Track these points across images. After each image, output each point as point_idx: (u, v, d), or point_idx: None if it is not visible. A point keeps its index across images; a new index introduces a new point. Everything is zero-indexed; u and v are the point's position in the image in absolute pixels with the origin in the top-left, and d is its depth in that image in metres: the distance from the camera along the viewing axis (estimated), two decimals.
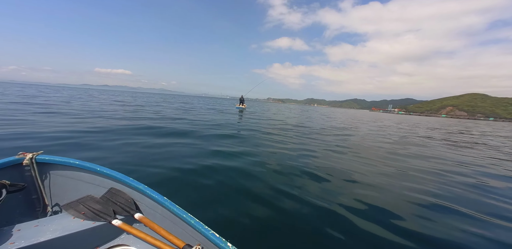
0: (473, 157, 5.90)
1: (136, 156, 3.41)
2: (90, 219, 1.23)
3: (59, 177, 1.47)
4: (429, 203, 2.60)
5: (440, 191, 3.03)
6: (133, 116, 8.34)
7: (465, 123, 31.66)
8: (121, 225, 1.20)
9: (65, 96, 19.02)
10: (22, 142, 3.62)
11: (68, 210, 1.29)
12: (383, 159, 4.77)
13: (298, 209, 2.18)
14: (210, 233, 0.99)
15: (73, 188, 1.46)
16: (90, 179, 1.43)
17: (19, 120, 5.50)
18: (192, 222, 1.06)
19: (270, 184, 2.75)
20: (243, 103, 21.43)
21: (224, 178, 2.82)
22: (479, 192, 3.16)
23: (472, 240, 1.93)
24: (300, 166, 3.57)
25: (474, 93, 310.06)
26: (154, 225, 1.18)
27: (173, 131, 5.90)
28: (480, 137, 12.68)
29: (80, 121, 6.08)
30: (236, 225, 1.85)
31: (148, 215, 1.30)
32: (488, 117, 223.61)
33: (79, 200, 1.36)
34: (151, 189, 1.28)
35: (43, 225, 1.15)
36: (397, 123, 20.49)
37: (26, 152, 1.41)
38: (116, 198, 1.33)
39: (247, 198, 2.34)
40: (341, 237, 1.80)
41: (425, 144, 7.70)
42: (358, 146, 6.08)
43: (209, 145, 4.56)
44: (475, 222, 2.25)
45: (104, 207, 1.29)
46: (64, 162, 1.42)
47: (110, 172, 1.36)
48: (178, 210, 1.13)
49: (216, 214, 1.97)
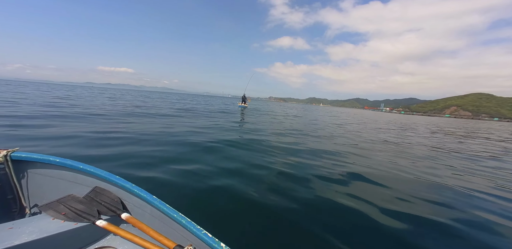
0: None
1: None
2: (72, 220, 1.14)
3: (38, 176, 1.38)
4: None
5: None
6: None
7: (459, 124, 30.56)
8: (106, 226, 1.12)
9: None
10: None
11: (47, 210, 1.21)
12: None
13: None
14: (202, 233, 0.94)
15: (54, 187, 1.37)
16: (72, 178, 1.34)
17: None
18: (183, 222, 1.00)
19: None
20: (245, 102, 22.52)
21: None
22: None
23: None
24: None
25: (479, 93, 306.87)
26: (143, 225, 1.11)
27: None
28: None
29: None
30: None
31: (136, 215, 1.23)
32: (493, 117, 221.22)
33: (60, 200, 1.27)
34: (139, 187, 1.20)
35: (18, 227, 1.07)
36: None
37: (0, 149, 1.33)
38: (101, 197, 1.24)
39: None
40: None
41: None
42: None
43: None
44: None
45: (87, 207, 1.20)
46: (43, 159, 1.33)
47: (94, 170, 1.27)
48: (168, 209, 1.07)
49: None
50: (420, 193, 2.74)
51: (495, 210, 2.46)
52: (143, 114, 8.58)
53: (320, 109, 51.44)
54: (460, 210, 2.37)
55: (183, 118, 8.53)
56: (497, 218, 2.27)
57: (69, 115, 6.47)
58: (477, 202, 2.63)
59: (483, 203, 2.64)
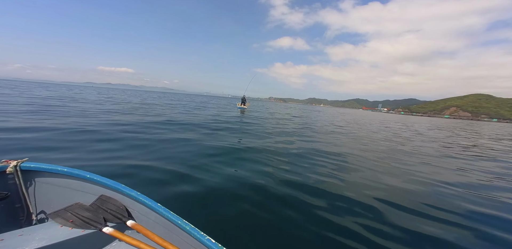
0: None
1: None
2: (79, 227, 1.18)
3: (46, 185, 1.42)
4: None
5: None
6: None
7: (451, 124, 27.94)
8: (112, 233, 1.15)
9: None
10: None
11: (55, 218, 1.25)
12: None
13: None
14: (206, 239, 0.97)
15: (61, 195, 1.41)
16: (79, 186, 1.38)
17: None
18: (187, 228, 1.03)
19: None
20: (245, 103, 21.37)
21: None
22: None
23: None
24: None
25: (479, 93, 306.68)
26: (148, 232, 1.15)
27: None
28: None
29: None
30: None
31: (141, 222, 1.26)
32: (492, 118, 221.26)
33: (67, 208, 1.31)
34: (144, 195, 1.24)
35: (28, 234, 1.11)
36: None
37: (10, 160, 1.36)
38: (107, 205, 1.28)
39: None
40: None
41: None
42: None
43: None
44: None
45: (94, 215, 1.24)
46: (51, 169, 1.37)
47: (101, 179, 1.31)
48: (172, 216, 1.10)
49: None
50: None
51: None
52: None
53: (326, 111, 46.53)
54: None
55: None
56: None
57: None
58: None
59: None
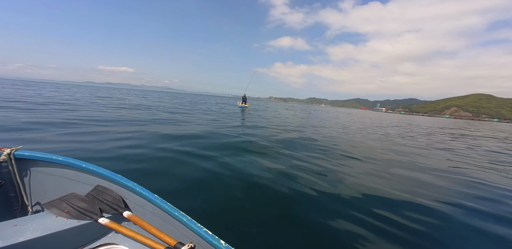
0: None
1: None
2: (74, 218, 1.16)
3: (40, 174, 1.39)
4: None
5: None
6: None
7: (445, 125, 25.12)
8: (108, 224, 1.14)
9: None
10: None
11: (50, 208, 1.22)
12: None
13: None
14: (202, 231, 0.96)
15: (56, 185, 1.38)
16: (75, 176, 1.35)
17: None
18: (184, 220, 1.02)
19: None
20: (245, 102, 21.56)
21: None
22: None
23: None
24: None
25: (479, 93, 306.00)
26: (144, 223, 1.13)
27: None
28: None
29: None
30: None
31: (138, 213, 1.25)
32: (493, 118, 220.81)
33: (62, 198, 1.28)
34: (140, 186, 1.22)
35: (22, 224, 1.09)
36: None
37: (4, 147, 1.34)
38: (103, 196, 1.26)
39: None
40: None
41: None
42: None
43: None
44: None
45: (89, 205, 1.22)
46: (46, 157, 1.34)
47: (97, 169, 1.29)
48: (169, 208, 1.09)
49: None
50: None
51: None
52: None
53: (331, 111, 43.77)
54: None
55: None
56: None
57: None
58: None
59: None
